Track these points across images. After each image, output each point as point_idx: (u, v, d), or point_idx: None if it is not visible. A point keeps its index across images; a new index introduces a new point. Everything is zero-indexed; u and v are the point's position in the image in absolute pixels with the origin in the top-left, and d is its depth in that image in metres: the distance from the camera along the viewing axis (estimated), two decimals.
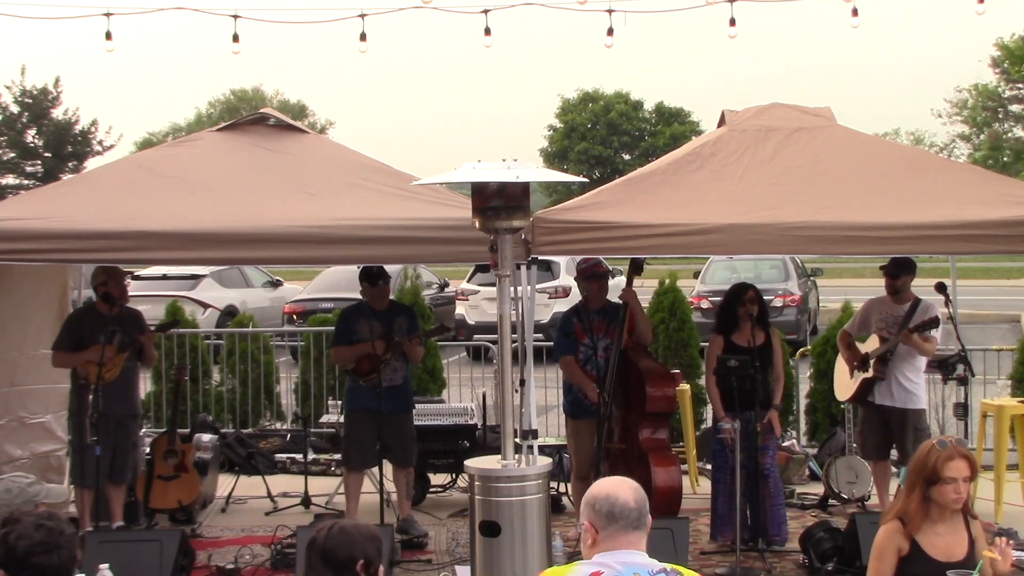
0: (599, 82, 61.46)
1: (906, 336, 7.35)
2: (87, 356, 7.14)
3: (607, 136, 52.98)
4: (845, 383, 7.87)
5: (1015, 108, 42.88)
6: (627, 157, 52.66)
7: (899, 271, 7.51)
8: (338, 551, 3.30)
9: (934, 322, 7.34)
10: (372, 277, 7.67)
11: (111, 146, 42.17)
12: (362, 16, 8.76)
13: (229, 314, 17.07)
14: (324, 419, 9.43)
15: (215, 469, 8.77)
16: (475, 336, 15.09)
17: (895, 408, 7.48)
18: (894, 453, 7.79)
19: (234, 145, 7.27)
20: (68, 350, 7.35)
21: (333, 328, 8.73)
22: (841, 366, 7.99)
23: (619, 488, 3.44)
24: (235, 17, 8.75)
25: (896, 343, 7.42)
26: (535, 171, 5.22)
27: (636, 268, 7.28)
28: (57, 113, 41.46)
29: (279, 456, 9.72)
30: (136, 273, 17.61)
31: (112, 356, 7.17)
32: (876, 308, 7.73)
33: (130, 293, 7.89)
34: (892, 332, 7.48)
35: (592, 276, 7.49)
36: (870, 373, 7.54)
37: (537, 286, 6.84)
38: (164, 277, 17.68)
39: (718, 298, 8.74)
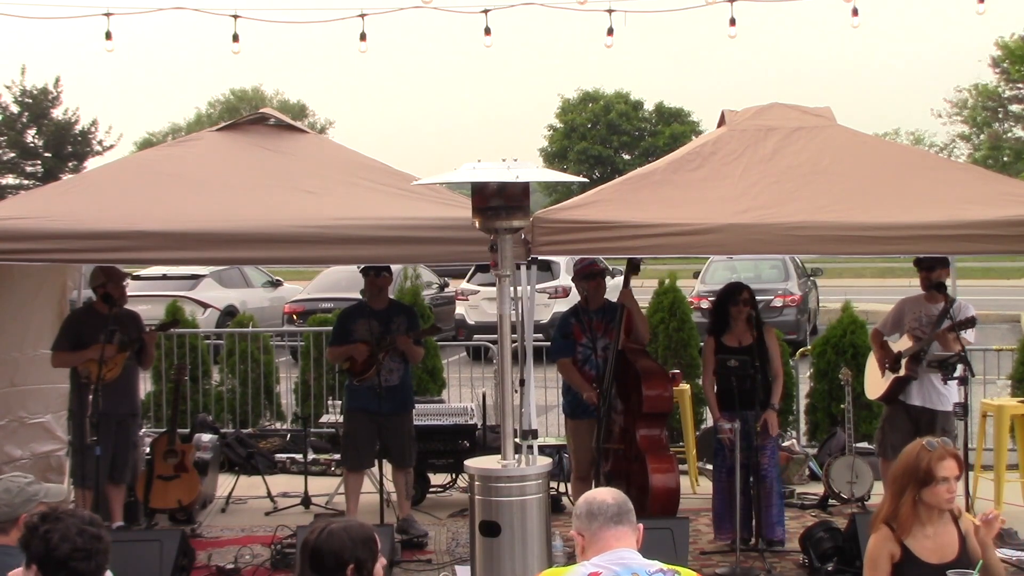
0: (599, 82, 61.59)
1: (941, 335, 7.22)
2: (88, 355, 7.15)
3: (607, 136, 52.95)
4: (876, 382, 7.73)
5: (1015, 108, 42.97)
6: (627, 157, 52.61)
7: (935, 263, 7.34)
8: (325, 556, 3.25)
9: (971, 322, 7.23)
10: (376, 267, 7.67)
11: (111, 146, 42.34)
12: (362, 16, 8.77)
13: (229, 314, 17.08)
14: (324, 419, 9.42)
15: (215, 469, 8.77)
16: (475, 336, 15.08)
17: (925, 408, 7.38)
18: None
19: (234, 145, 7.26)
20: (67, 351, 7.35)
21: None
22: (872, 364, 7.84)
23: (596, 492, 3.74)
24: (235, 17, 8.76)
25: (930, 342, 7.30)
26: (535, 171, 5.21)
27: (633, 268, 7.27)
28: (57, 113, 41.54)
29: (279, 456, 9.74)
30: (136, 273, 17.60)
31: (113, 355, 7.18)
32: (910, 307, 7.58)
33: (130, 293, 7.86)
34: (926, 331, 7.34)
35: (589, 275, 7.49)
36: (902, 372, 7.44)
37: (537, 286, 6.84)
38: (164, 277, 17.68)
39: None
